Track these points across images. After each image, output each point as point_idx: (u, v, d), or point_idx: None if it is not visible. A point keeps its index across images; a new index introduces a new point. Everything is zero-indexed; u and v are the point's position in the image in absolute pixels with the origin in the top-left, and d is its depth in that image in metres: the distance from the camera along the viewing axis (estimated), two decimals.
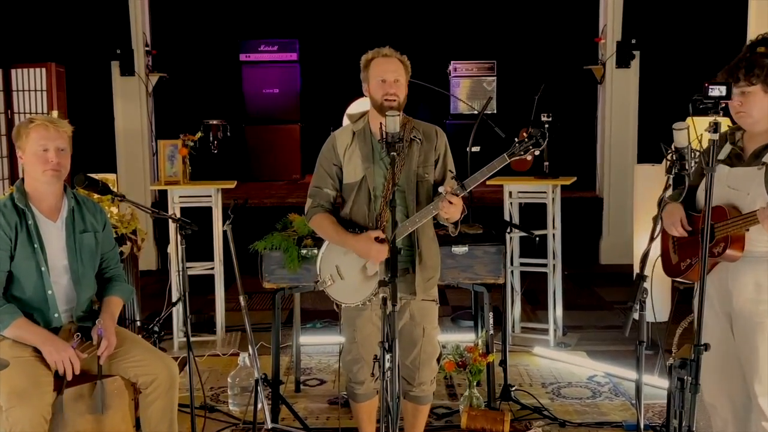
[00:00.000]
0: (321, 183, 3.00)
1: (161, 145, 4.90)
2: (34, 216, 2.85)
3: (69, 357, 2.72)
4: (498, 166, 2.70)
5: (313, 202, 3.00)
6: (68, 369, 2.72)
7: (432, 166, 2.95)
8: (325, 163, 3.00)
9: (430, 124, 3.03)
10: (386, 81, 2.87)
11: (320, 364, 4.64)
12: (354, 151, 2.94)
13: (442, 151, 2.98)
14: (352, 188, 2.94)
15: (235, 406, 3.94)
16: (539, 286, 5.32)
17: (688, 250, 2.66)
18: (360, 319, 2.98)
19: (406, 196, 2.90)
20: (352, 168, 2.94)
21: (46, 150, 2.81)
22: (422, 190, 2.91)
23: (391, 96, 2.85)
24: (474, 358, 3.79)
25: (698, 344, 2.17)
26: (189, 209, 4.87)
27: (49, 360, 2.73)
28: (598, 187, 7.66)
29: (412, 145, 2.92)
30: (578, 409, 3.93)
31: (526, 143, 2.65)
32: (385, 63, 2.89)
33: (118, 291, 3.04)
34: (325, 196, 2.99)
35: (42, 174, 2.83)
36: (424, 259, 2.94)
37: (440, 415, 3.85)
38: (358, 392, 3.07)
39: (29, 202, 2.86)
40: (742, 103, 2.51)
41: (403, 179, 2.89)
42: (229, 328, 5.13)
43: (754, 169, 2.51)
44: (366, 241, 2.83)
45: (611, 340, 5.01)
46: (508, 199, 5.03)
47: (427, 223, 2.92)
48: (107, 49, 7.20)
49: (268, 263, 3.74)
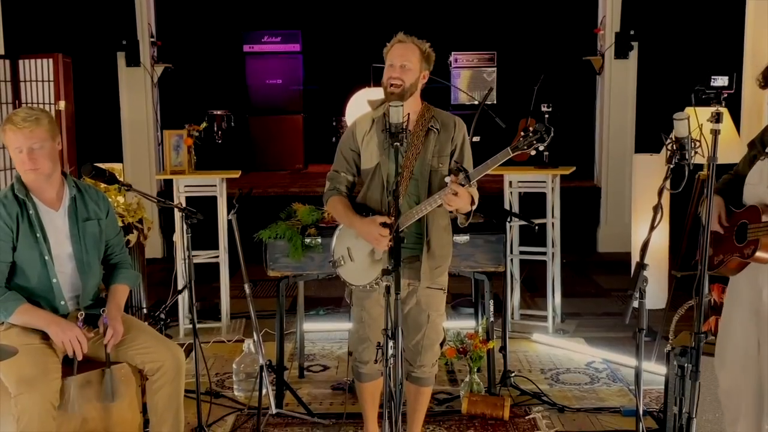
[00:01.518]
0: (339, 167, 3.01)
1: (166, 135, 4.88)
2: (36, 206, 2.82)
3: (76, 336, 2.71)
4: (501, 160, 2.68)
5: (330, 185, 3.02)
6: (76, 348, 2.70)
7: (447, 157, 2.91)
8: (344, 148, 3.00)
9: (450, 114, 2.99)
10: (393, 65, 2.85)
11: (323, 350, 4.64)
12: (372, 137, 2.93)
13: (460, 142, 2.93)
14: (368, 174, 2.93)
15: (240, 391, 3.94)
16: (538, 274, 5.31)
17: (723, 246, 2.60)
18: (368, 300, 2.98)
19: (419, 185, 2.88)
20: (369, 154, 2.93)
21: (21, 152, 2.75)
22: (435, 180, 2.88)
23: (394, 80, 2.83)
24: (474, 344, 3.78)
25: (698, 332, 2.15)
26: (194, 198, 4.85)
27: (56, 340, 2.72)
28: (597, 176, 7.64)
29: (429, 135, 2.90)
30: (576, 395, 3.92)
31: (530, 138, 2.61)
32: (396, 48, 2.88)
33: (123, 278, 3.02)
34: (343, 180, 3.00)
35: (24, 174, 2.79)
36: (433, 248, 2.92)
37: (441, 401, 3.85)
38: (362, 372, 3.08)
39: (30, 193, 2.83)
40: None
41: (417, 168, 2.87)
42: (234, 315, 5.13)
43: None
44: (370, 225, 2.82)
45: (609, 327, 5.00)
46: (508, 188, 5.01)
47: (440, 212, 2.90)
48: (113, 40, 7.17)
49: (273, 252, 3.73)
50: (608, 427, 3.53)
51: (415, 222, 2.87)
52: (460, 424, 3.59)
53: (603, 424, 3.58)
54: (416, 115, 2.92)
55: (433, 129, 2.90)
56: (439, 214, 2.92)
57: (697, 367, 2.15)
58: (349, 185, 3.01)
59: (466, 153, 2.95)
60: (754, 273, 2.55)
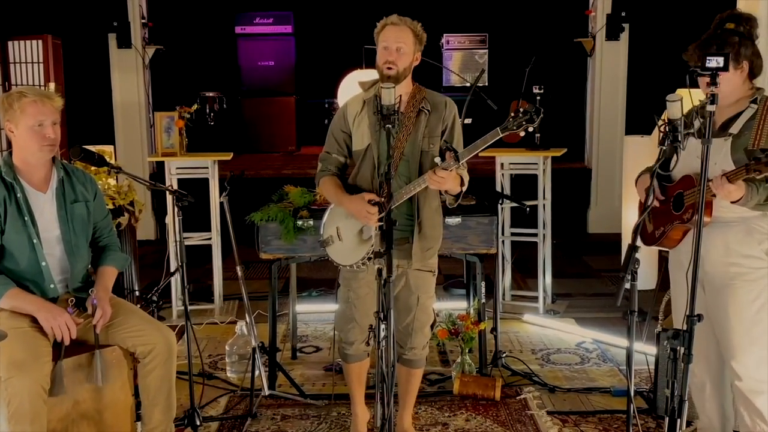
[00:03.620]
0: (330, 149, 2.99)
1: (158, 117, 4.83)
2: (23, 188, 2.77)
3: (65, 321, 2.68)
4: (491, 140, 2.65)
5: (322, 167, 3.01)
6: (65, 334, 2.67)
7: (438, 137, 2.88)
8: (335, 130, 2.98)
9: (441, 95, 2.97)
10: (388, 48, 2.82)
11: (316, 331, 4.62)
12: (363, 119, 2.91)
13: (450, 122, 2.91)
14: (359, 155, 2.91)
15: (232, 373, 3.92)
16: (529, 255, 5.29)
17: (662, 218, 2.67)
18: (355, 280, 2.96)
19: (410, 166, 2.86)
20: (360, 135, 2.91)
21: (42, 125, 2.72)
22: (425, 161, 2.85)
23: (389, 63, 2.80)
24: (466, 326, 3.77)
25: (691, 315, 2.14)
26: (186, 181, 4.81)
27: (45, 326, 2.68)
28: (587, 158, 7.62)
29: (420, 116, 2.88)
30: (567, 375, 3.92)
31: (519, 118, 2.59)
32: (390, 30, 2.84)
33: (111, 260, 2.98)
34: (334, 161, 2.98)
35: (39, 149, 2.74)
36: (424, 229, 2.90)
37: (433, 381, 3.84)
38: (348, 352, 3.07)
39: (17, 175, 2.78)
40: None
41: (408, 149, 2.86)
42: (227, 296, 5.10)
43: (721, 140, 2.50)
44: (358, 202, 2.80)
45: (599, 308, 5.00)
46: (500, 170, 4.99)
47: (432, 193, 2.89)
48: (104, 22, 7.07)
49: (265, 234, 3.69)
50: (599, 407, 3.53)
51: (406, 203, 2.84)
52: (451, 404, 3.58)
53: (593, 404, 3.58)
54: (408, 96, 2.89)
55: (424, 110, 2.88)
56: (430, 194, 2.90)
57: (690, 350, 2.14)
58: (340, 166, 2.99)
59: (456, 133, 2.92)
60: (723, 236, 2.57)
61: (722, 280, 2.56)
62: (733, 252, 2.53)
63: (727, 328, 2.56)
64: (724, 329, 2.57)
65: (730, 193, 2.35)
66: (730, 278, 2.54)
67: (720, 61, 2.08)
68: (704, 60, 2.16)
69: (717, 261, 2.56)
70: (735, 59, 2.45)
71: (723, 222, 2.53)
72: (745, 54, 2.47)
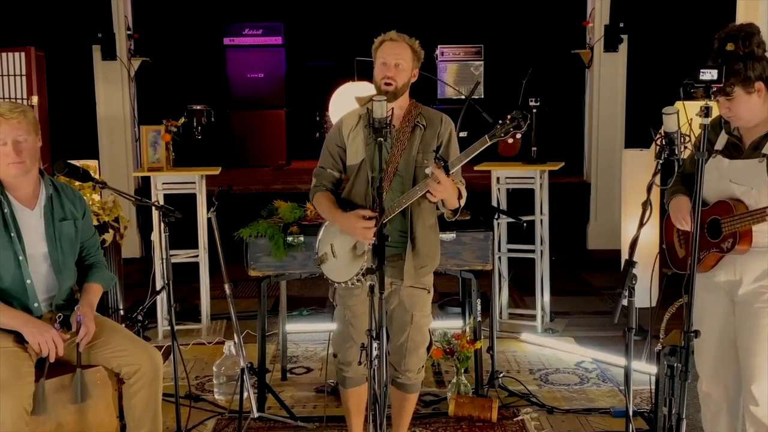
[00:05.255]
0: (325, 163, 3.03)
1: (144, 131, 4.85)
2: (11, 204, 2.80)
3: (52, 337, 2.70)
4: (479, 148, 2.68)
5: (316, 182, 3.05)
6: (51, 350, 2.69)
7: (432, 153, 2.92)
8: (330, 144, 3.03)
9: (437, 111, 3.03)
10: (387, 64, 2.88)
11: (307, 351, 4.63)
12: (358, 133, 2.95)
13: (445, 138, 2.96)
14: (353, 170, 2.95)
15: (220, 395, 3.92)
16: (527, 272, 5.32)
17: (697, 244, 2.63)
18: (352, 298, 2.98)
19: (404, 182, 2.90)
20: (354, 150, 2.95)
21: (5, 144, 2.73)
22: (419, 176, 2.89)
23: (388, 79, 2.86)
24: (461, 345, 3.78)
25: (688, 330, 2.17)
26: (172, 196, 4.82)
27: (32, 341, 2.70)
28: (586, 172, 7.67)
29: (415, 131, 2.92)
30: (566, 396, 3.94)
31: (507, 125, 2.64)
32: (389, 47, 2.90)
33: (97, 278, 3.00)
34: (328, 177, 3.02)
35: (6, 168, 2.76)
36: (418, 246, 2.93)
37: (428, 403, 3.85)
38: (347, 375, 3.06)
39: (5, 191, 2.80)
40: (730, 108, 2.50)
41: (402, 165, 2.90)
42: (215, 316, 5.11)
43: (755, 162, 2.48)
44: (352, 218, 2.83)
45: (599, 326, 5.03)
46: (495, 185, 5.02)
47: (426, 210, 2.93)
48: (88, 33, 7.10)
49: (254, 251, 3.71)
50: (598, 429, 3.55)
51: (399, 219, 2.88)
52: (447, 426, 3.60)
53: (593, 425, 3.60)
54: (403, 111, 2.94)
55: (419, 125, 2.93)
56: (425, 211, 2.93)
57: (687, 367, 2.17)
58: (335, 182, 3.03)
59: (452, 149, 2.96)
60: (731, 267, 2.59)
61: (755, 303, 2.54)
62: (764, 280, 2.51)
63: (752, 352, 2.55)
64: (749, 352, 2.56)
65: None
66: (762, 302, 2.53)
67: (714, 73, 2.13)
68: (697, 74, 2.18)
69: (752, 285, 2.55)
70: (745, 84, 2.42)
71: (760, 249, 2.51)
72: (755, 75, 2.43)
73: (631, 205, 5.19)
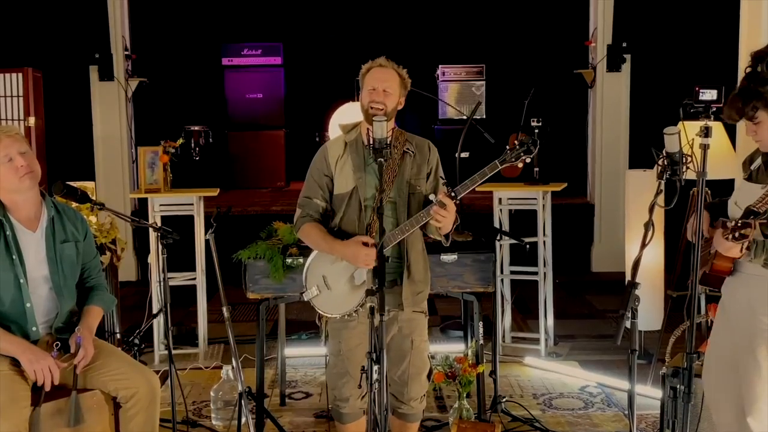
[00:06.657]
0: (311, 193, 3.03)
1: (141, 152, 4.89)
2: (12, 226, 2.83)
3: (48, 366, 2.72)
4: (489, 173, 2.73)
5: (302, 212, 3.03)
6: (47, 378, 2.71)
7: (424, 179, 2.99)
8: (316, 174, 3.03)
9: (422, 138, 3.09)
10: (375, 89, 2.92)
11: (306, 376, 4.63)
12: (346, 161, 2.98)
13: (434, 166, 3.03)
14: (343, 199, 2.96)
15: (218, 420, 3.93)
16: (530, 295, 5.34)
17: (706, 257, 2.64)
18: (346, 330, 2.97)
19: (397, 208, 2.93)
20: (344, 179, 2.97)
21: (11, 159, 2.78)
22: (414, 202, 2.94)
23: (376, 104, 2.90)
24: (464, 369, 3.78)
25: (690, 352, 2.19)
26: (170, 218, 4.85)
27: (28, 369, 2.72)
28: (589, 193, 7.70)
29: (404, 158, 2.97)
30: (570, 421, 3.94)
31: (517, 150, 2.68)
32: (377, 72, 2.95)
33: (98, 300, 3.02)
34: (315, 207, 3.02)
35: (20, 181, 2.80)
36: (413, 273, 2.96)
37: (429, 428, 3.86)
38: (343, 411, 3.03)
39: (7, 213, 2.84)
40: (756, 132, 2.51)
41: (395, 191, 2.93)
42: (212, 340, 5.11)
43: (757, 188, 2.50)
44: (354, 246, 2.84)
45: (604, 350, 5.03)
46: (497, 206, 5.04)
47: (416, 236, 2.96)
48: (85, 54, 7.17)
49: (252, 273, 3.74)
50: None
51: (394, 246, 2.89)
52: None
53: None
54: (391, 139, 2.97)
55: (408, 152, 2.99)
56: (416, 237, 2.97)
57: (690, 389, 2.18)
58: (322, 211, 3.03)
59: (439, 177, 3.03)
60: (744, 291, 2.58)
61: (748, 333, 2.55)
62: (757, 310, 2.52)
63: (748, 382, 2.56)
64: (746, 383, 2.56)
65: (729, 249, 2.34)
66: (754, 334, 2.54)
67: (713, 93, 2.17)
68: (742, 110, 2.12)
69: (741, 315, 2.56)
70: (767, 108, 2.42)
71: (746, 274, 2.53)
72: None
73: (636, 226, 5.21)
